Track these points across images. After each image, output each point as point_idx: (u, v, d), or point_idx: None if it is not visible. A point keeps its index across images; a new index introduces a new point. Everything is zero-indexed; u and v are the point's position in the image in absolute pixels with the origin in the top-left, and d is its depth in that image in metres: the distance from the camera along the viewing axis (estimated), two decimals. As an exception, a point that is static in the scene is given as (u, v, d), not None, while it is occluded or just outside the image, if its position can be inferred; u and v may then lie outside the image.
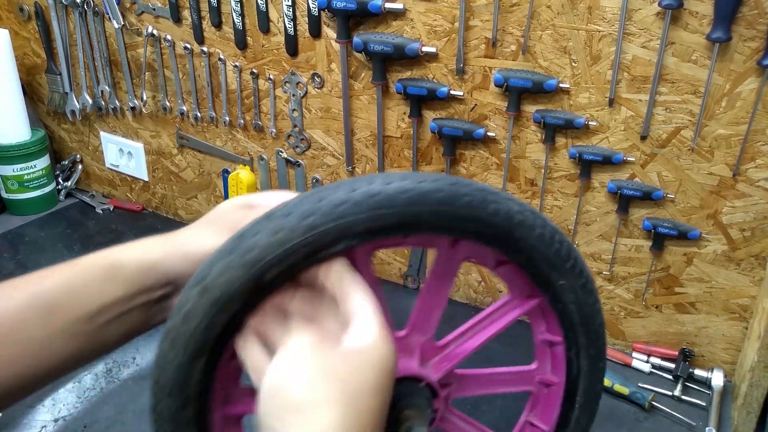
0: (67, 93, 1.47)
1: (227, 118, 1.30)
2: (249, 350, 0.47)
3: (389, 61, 1.08)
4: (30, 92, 1.58)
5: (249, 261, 0.45)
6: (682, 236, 0.97)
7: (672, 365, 1.03)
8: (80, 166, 1.61)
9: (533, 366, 0.64)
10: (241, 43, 1.21)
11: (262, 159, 1.31)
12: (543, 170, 1.05)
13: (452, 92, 1.05)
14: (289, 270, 0.46)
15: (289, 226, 0.45)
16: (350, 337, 0.43)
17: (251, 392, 0.52)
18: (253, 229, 0.46)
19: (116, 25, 1.31)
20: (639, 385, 0.99)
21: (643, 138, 0.96)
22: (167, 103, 1.37)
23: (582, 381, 0.61)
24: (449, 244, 0.53)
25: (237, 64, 1.23)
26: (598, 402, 0.63)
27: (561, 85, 0.97)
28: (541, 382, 0.64)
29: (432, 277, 0.55)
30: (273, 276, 0.46)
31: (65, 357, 0.51)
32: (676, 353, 1.04)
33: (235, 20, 1.19)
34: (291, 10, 1.12)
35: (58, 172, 1.59)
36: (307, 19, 1.12)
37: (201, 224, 0.58)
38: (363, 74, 1.13)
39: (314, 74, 1.17)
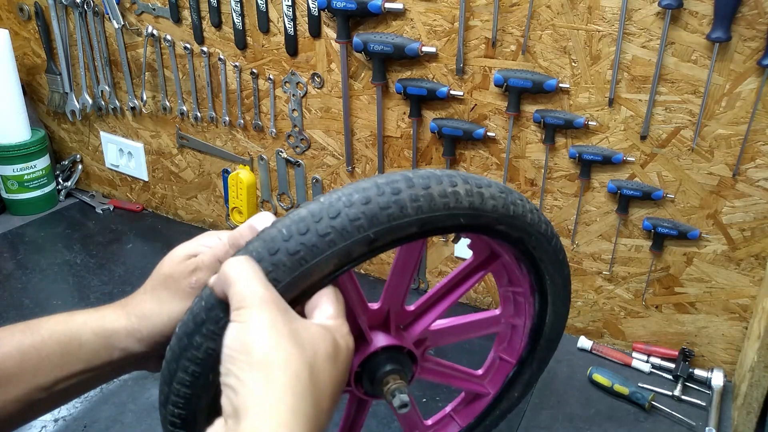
0: (67, 93, 1.47)
1: (227, 118, 1.30)
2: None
3: (389, 61, 1.08)
4: (30, 92, 1.58)
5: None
6: (682, 236, 0.97)
7: (672, 365, 1.03)
8: (80, 166, 1.61)
9: (498, 311, 0.71)
10: (241, 43, 1.21)
11: (262, 159, 1.31)
12: (543, 170, 1.05)
13: (452, 92, 1.05)
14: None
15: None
16: (313, 318, 0.47)
17: None
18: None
19: (116, 25, 1.31)
20: (639, 385, 0.99)
21: (643, 138, 0.96)
22: (167, 103, 1.37)
23: (547, 327, 0.68)
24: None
25: (237, 64, 1.23)
26: (560, 338, 0.71)
27: (561, 85, 0.97)
28: (507, 324, 0.71)
29: (400, 252, 0.58)
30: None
31: (18, 418, 0.51)
32: (676, 353, 1.04)
33: (235, 20, 1.19)
34: (291, 10, 1.12)
35: (58, 172, 1.59)
36: (307, 19, 1.12)
37: (155, 288, 0.56)
38: (363, 74, 1.13)
39: (314, 74, 1.17)
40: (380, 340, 0.58)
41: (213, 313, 0.46)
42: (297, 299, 0.48)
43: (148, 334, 0.54)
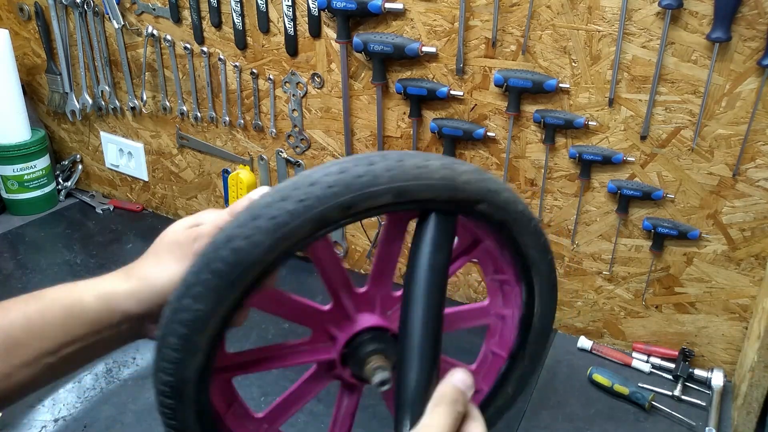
0: (67, 93, 1.47)
1: (227, 118, 1.30)
2: None
3: (389, 61, 1.08)
4: (30, 92, 1.58)
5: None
6: (682, 236, 0.97)
7: (672, 365, 1.03)
8: (80, 166, 1.61)
9: (486, 302, 0.71)
10: (241, 43, 1.21)
11: (262, 159, 1.31)
12: (543, 170, 1.05)
13: (452, 92, 1.05)
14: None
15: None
16: None
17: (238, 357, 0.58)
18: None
19: (116, 25, 1.31)
20: (639, 385, 0.99)
21: (643, 138, 0.96)
22: (167, 103, 1.37)
23: (536, 317, 0.68)
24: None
25: (237, 64, 1.23)
26: (549, 334, 0.71)
27: (561, 85, 0.97)
28: (496, 315, 0.71)
29: (384, 236, 0.59)
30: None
31: (27, 384, 0.52)
32: (676, 353, 1.04)
33: (235, 20, 1.19)
34: (291, 10, 1.12)
35: (58, 172, 1.59)
36: (307, 19, 1.12)
37: (158, 252, 0.57)
38: (363, 74, 1.13)
39: (314, 74, 1.17)
40: (365, 320, 0.60)
41: (203, 276, 0.48)
42: (277, 261, 0.50)
43: (148, 296, 0.55)
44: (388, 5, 1.03)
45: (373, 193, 0.50)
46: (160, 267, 0.56)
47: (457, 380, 0.49)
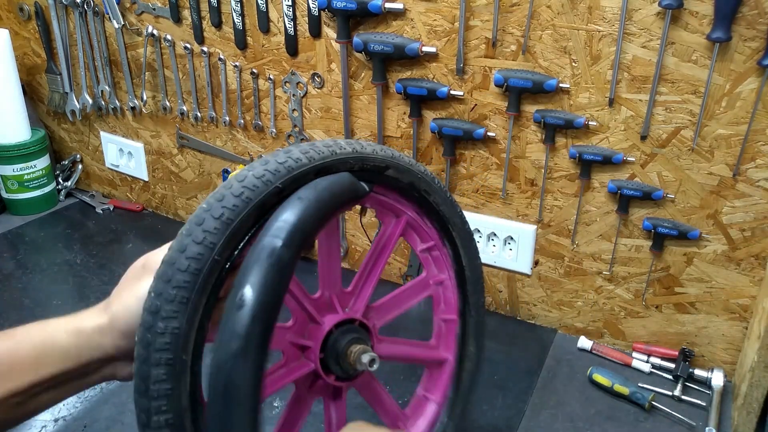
0: (67, 93, 1.47)
1: (227, 118, 1.30)
2: None
3: (389, 61, 1.08)
4: (30, 92, 1.58)
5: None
6: (682, 236, 0.97)
7: (672, 365, 1.03)
8: (80, 166, 1.61)
9: (424, 274, 0.77)
10: (241, 43, 1.21)
11: (262, 159, 1.31)
12: (543, 170, 1.05)
13: (452, 92, 1.05)
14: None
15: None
16: None
17: None
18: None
19: (116, 25, 1.31)
20: (639, 385, 0.99)
21: (643, 138, 0.96)
22: (167, 103, 1.37)
23: (467, 269, 0.76)
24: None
25: (237, 64, 1.23)
26: (483, 281, 0.79)
27: (561, 85, 0.97)
28: (435, 284, 0.77)
29: (324, 239, 0.64)
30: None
31: None
32: (676, 353, 1.04)
33: (235, 20, 1.19)
34: (291, 10, 1.12)
35: (58, 172, 1.59)
36: (307, 19, 1.12)
37: (119, 288, 0.57)
38: (363, 74, 1.13)
39: (314, 74, 1.17)
40: (331, 319, 0.63)
41: (168, 294, 0.50)
42: (231, 257, 0.53)
43: (124, 327, 0.54)
44: (388, 5, 1.03)
45: (298, 174, 0.56)
46: (121, 301, 0.55)
47: None
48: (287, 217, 0.51)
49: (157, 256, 0.56)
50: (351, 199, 0.60)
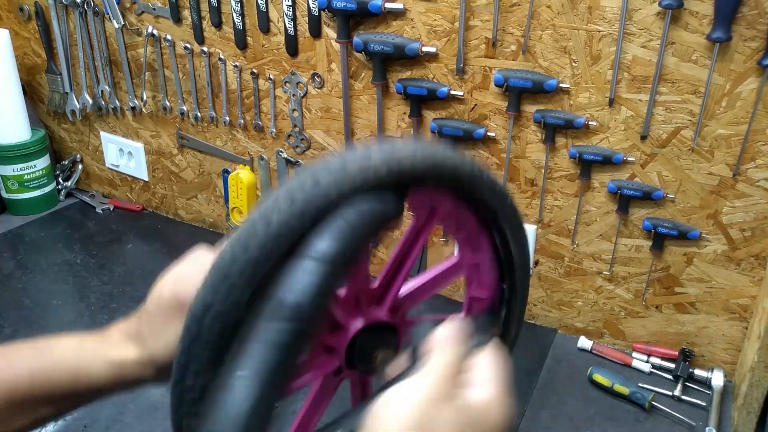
0: (67, 93, 1.47)
1: (227, 118, 1.30)
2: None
3: (389, 61, 1.08)
4: (30, 92, 1.58)
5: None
6: (682, 236, 0.97)
7: (672, 365, 1.03)
8: (80, 166, 1.61)
9: (456, 258, 0.72)
10: (241, 43, 1.21)
11: (262, 159, 1.31)
12: (543, 170, 1.05)
13: (452, 92, 1.05)
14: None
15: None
16: (472, 390, 0.45)
17: None
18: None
19: (116, 25, 1.31)
20: (639, 385, 0.99)
21: (643, 138, 0.96)
22: (167, 103, 1.37)
23: (509, 248, 0.69)
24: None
25: (237, 64, 1.23)
26: (530, 268, 0.74)
27: (561, 85, 0.97)
28: (469, 266, 0.72)
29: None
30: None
31: (19, 429, 0.52)
32: (676, 353, 1.04)
33: (235, 20, 1.19)
34: (291, 10, 1.12)
35: (58, 172, 1.59)
36: (307, 19, 1.12)
37: (151, 317, 0.54)
38: (363, 74, 1.13)
39: (314, 74, 1.17)
40: (356, 323, 0.61)
41: (195, 352, 0.47)
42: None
43: (156, 363, 0.54)
44: (388, 5, 1.03)
45: (328, 202, 0.49)
46: (158, 340, 0.53)
47: (442, 331, 0.48)
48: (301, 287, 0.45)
49: (188, 285, 0.52)
50: (381, 228, 0.53)
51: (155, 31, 1.29)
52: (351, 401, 0.67)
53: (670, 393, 0.98)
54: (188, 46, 1.27)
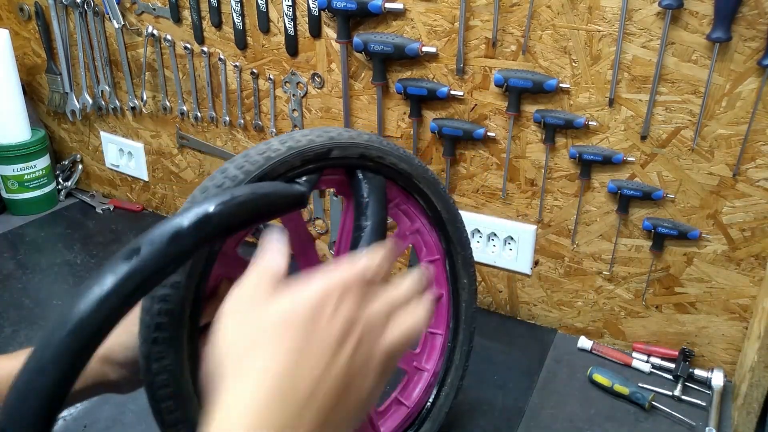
0: (67, 93, 1.47)
1: (227, 118, 1.30)
2: None
3: (389, 61, 1.08)
4: (30, 92, 1.58)
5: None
6: (682, 236, 0.97)
7: (672, 365, 1.03)
8: (80, 166, 1.61)
9: (416, 351, 0.80)
10: (241, 43, 1.21)
11: (262, 159, 1.31)
12: (543, 170, 1.05)
13: (452, 92, 1.05)
14: None
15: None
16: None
17: None
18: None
19: (116, 25, 1.31)
20: (639, 385, 0.99)
21: (643, 138, 0.96)
22: (167, 103, 1.37)
23: (451, 373, 0.79)
24: (408, 229, 0.73)
25: (237, 64, 1.23)
26: (458, 395, 0.82)
27: (561, 85, 0.97)
28: (416, 367, 0.80)
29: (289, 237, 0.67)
30: None
31: None
32: (676, 353, 1.04)
33: (235, 20, 1.19)
34: (291, 10, 1.12)
35: (58, 172, 1.59)
36: (307, 19, 1.12)
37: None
38: (363, 74, 1.13)
39: (314, 74, 1.17)
40: None
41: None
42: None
43: (123, 358, 0.54)
44: (388, 5, 1.03)
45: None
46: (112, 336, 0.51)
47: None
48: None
49: None
50: (284, 208, 0.56)
51: (155, 31, 1.29)
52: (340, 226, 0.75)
53: (670, 393, 0.98)
54: (188, 46, 1.27)
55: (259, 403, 0.36)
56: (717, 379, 0.99)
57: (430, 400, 0.82)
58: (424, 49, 1.03)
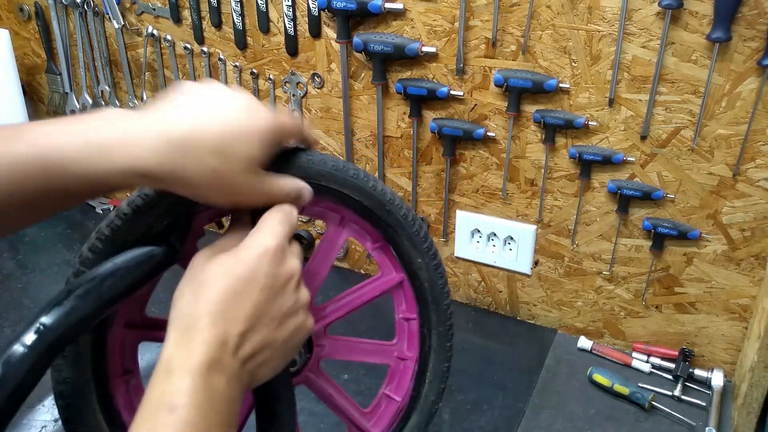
0: (67, 93, 1.47)
1: (227, 118, 1.30)
2: None
3: (389, 61, 1.08)
4: (30, 92, 1.58)
5: None
6: (682, 236, 0.97)
7: (672, 365, 1.03)
8: (80, 166, 1.61)
9: (394, 341, 0.75)
10: (241, 43, 1.21)
11: (262, 159, 1.31)
12: (543, 170, 1.05)
13: (452, 92, 1.05)
14: None
15: None
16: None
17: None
18: None
19: (116, 25, 1.31)
20: (639, 385, 0.99)
21: (643, 138, 0.96)
22: (167, 103, 1.37)
23: (432, 357, 0.73)
24: (338, 222, 0.67)
25: (237, 64, 1.23)
26: (446, 382, 0.74)
27: (561, 85, 0.97)
28: (398, 357, 0.75)
29: (320, 250, 0.67)
30: None
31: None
32: (676, 353, 1.04)
33: (235, 20, 1.19)
34: (291, 10, 1.12)
35: (58, 172, 1.59)
36: (307, 19, 1.12)
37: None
38: (363, 74, 1.13)
39: (314, 74, 1.17)
40: None
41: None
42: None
43: (151, 172, 0.53)
44: (388, 5, 1.03)
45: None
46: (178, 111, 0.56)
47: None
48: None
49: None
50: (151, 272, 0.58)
51: (155, 31, 1.29)
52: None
53: (670, 393, 0.99)
54: (188, 46, 1.27)
55: (216, 302, 0.49)
56: (717, 379, 0.99)
57: (413, 388, 0.76)
58: (424, 49, 1.03)
